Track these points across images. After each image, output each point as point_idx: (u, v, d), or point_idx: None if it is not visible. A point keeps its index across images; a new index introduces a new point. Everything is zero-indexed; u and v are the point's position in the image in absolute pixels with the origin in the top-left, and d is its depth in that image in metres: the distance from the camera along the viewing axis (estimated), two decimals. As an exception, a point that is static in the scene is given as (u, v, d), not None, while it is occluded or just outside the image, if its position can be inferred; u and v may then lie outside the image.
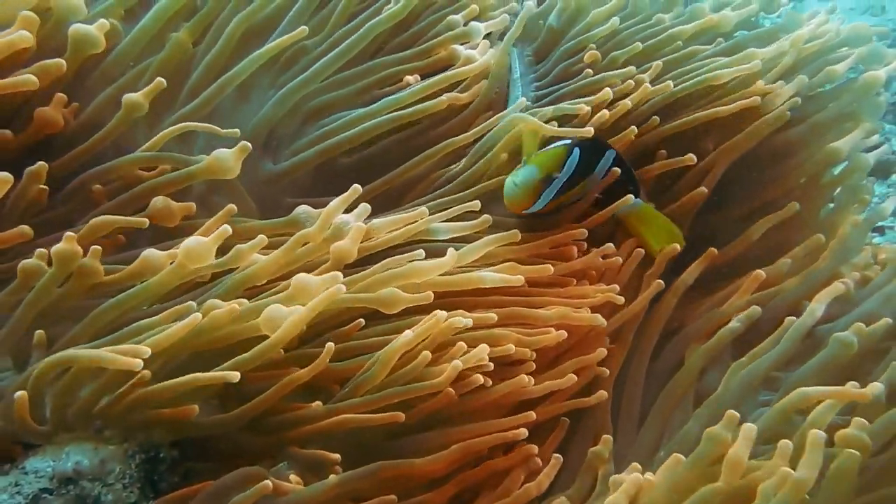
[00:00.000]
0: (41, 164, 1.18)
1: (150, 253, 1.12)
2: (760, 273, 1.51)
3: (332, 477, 1.12)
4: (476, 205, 1.38)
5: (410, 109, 1.49)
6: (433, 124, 1.58)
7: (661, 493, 1.04)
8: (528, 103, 1.59)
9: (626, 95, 1.57)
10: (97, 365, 1.04)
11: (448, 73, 1.54)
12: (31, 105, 1.26)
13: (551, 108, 1.54)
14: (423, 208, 1.32)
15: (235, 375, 1.06)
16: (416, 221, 1.31)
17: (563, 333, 1.32)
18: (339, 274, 1.14)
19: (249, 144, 1.24)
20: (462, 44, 1.61)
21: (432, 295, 1.18)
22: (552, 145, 1.48)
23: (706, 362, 1.40)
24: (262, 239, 1.13)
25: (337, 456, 1.13)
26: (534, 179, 1.40)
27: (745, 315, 1.43)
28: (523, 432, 1.22)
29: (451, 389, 1.19)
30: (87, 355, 1.04)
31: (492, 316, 1.26)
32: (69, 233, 1.08)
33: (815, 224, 1.64)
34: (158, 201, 1.21)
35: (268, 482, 1.07)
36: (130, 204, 1.24)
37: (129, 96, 1.24)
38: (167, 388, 1.08)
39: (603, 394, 1.32)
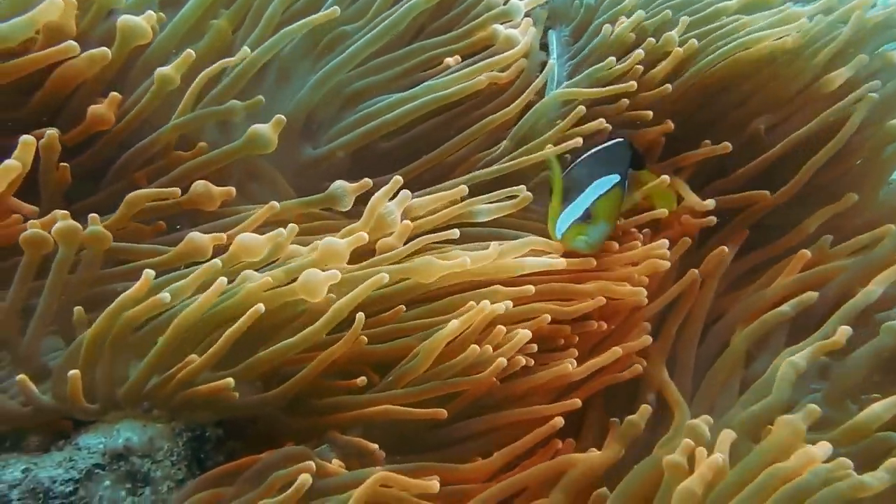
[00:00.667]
0: (51, 134, 1.18)
1: (196, 235, 1.15)
2: (806, 252, 1.45)
3: (376, 468, 1.12)
4: (522, 189, 1.38)
5: (450, 90, 1.47)
6: (474, 106, 1.56)
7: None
8: (563, 86, 1.57)
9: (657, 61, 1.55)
10: (126, 313, 1.06)
11: (491, 59, 1.52)
12: (80, 95, 1.29)
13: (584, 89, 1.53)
14: (463, 186, 1.31)
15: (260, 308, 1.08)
16: (456, 201, 1.31)
17: (602, 300, 1.31)
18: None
19: (284, 118, 1.26)
20: (503, 23, 1.59)
21: (468, 261, 1.18)
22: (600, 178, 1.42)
23: (751, 345, 1.36)
24: (293, 228, 1.14)
25: (375, 446, 1.14)
26: (607, 234, 1.39)
27: (798, 301, 1.37)
28: (560, 421, 1.23)
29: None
30: (114, 307, 1.06)
31: (529, 288, 1.25)
32: (60, 211, 1.10)
33: (873, 206, 1.57)
34: (199, 185, 1.23)
35: (310, 462, 1.09)
36: (171, 186, 1.25)
37: (161, 70, 1.25)
38: (209, 357, 1.09)
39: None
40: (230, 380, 1.09)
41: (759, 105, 1.62)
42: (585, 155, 1.51)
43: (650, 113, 1.55)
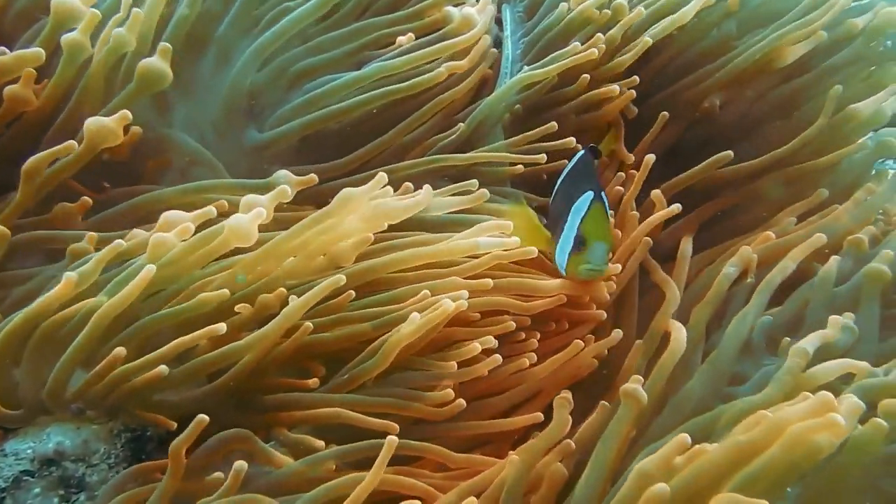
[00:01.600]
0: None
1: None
2: (770, 234, 1.43)
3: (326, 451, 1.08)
4: (474, 183, 1.35)
5: (407, 84, 1.42)
6: (427, 88, 1.50)
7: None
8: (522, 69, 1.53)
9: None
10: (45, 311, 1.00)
11: (448, 42, 1.47)
12: None
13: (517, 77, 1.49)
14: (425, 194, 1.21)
15: (221, 328, 1.04)
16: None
17: (563, 298, 1.27)
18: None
19: (170, 46, 1.22)
20: (456, 5, 1.54)
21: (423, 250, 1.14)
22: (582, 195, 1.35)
23: (710, 316, 1.32)
24: (223, 205, 1.10)
25: (322, 443, 1.09)
26: (607, 250, 1.32)
27: (738, 258, 1.35)
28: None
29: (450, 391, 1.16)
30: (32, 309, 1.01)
31: (488, 282, 1.20)
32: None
33: (833, 179, 1.55)
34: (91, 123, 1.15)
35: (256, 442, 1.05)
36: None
37: (67, 36, 1.18)
38: (146, 362, 1.04)
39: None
40: (163, 367, 1.02)
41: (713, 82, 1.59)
42: (557, 183, 1.47)
43: (616, 87, 1.51)
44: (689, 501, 0.83)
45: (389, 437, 0.98)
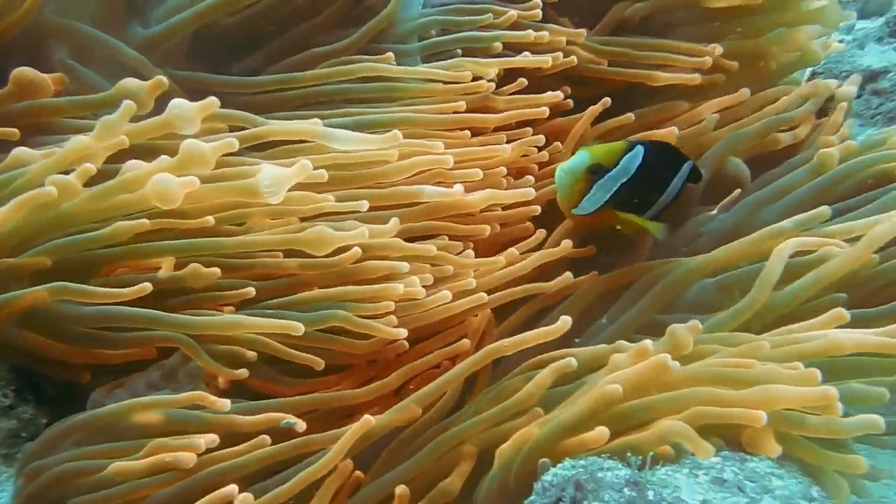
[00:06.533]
0: None
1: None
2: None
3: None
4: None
5: None
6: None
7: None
8: None
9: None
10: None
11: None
12: None
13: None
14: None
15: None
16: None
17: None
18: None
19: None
20: None
21: (367, 233, 1.05)
22: None
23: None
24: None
25: (253, 354, 1.03)
26: (582, 166, 1.20)
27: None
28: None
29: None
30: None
31: (431, 248, 1.14)
32: None
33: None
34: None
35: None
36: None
37: None
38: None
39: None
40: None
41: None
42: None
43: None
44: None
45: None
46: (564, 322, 1.05)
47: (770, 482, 0.90)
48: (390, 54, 1.35)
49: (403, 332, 1.09)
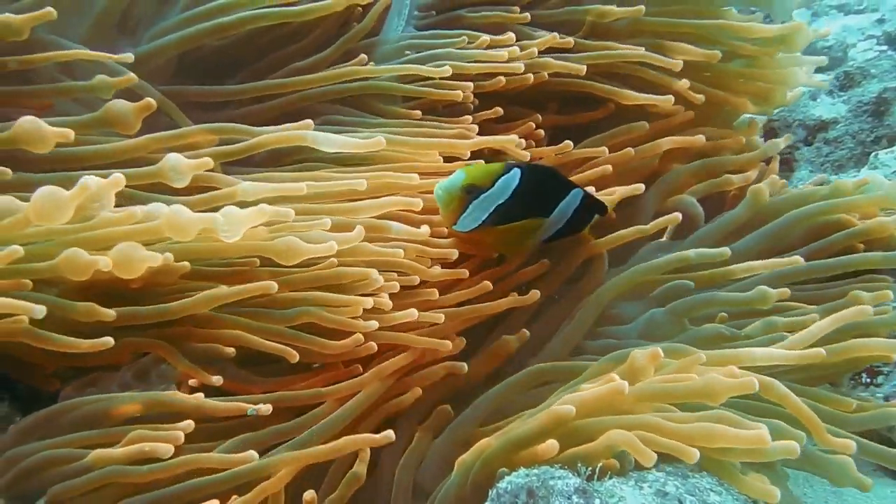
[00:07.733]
0: None
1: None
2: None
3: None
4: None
5: (300, 7, 1.33)
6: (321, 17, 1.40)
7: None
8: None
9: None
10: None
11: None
12: None
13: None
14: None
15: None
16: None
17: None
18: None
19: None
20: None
21: (335, 245, 1.06)
22: None
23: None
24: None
25: (232, 350, 1.06)
26: (457, 185, 1.25)
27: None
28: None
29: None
30: None
31: (399, 251, 1.17)
32: None
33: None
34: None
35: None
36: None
37: None
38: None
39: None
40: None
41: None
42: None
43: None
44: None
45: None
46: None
47: (708, 497, 0.97)
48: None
49: (374, 325, 1.12)
